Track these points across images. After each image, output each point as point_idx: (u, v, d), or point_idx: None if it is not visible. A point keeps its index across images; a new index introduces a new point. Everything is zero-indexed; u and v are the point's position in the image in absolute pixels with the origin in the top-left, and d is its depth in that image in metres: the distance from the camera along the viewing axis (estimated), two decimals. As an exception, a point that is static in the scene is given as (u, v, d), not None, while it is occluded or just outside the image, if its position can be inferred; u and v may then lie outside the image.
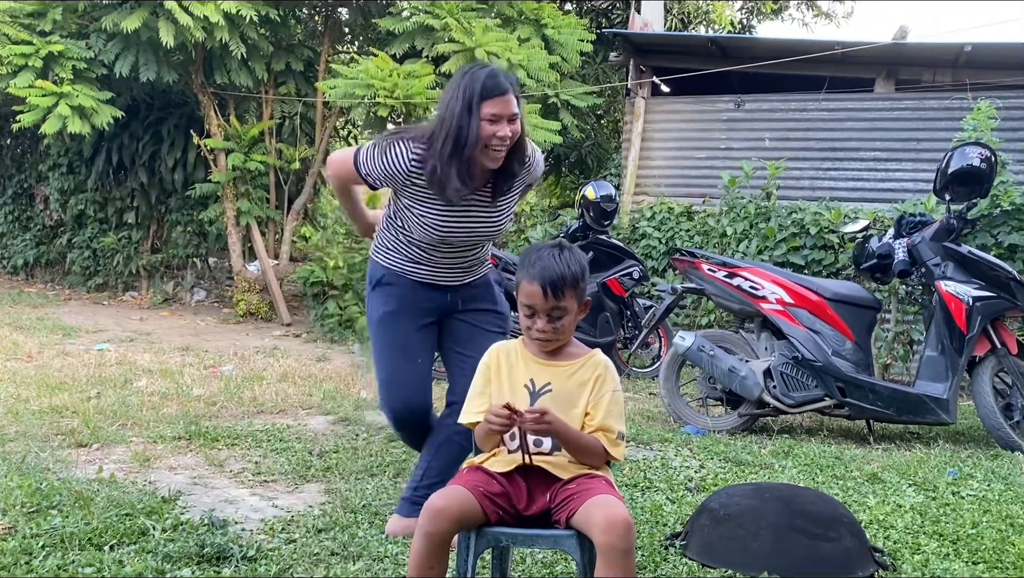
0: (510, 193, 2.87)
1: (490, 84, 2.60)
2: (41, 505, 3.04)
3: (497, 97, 2.60)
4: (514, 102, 2.64)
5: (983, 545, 3.04)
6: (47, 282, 11.71)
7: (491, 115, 2.60)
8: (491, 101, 2.60)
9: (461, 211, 2.79)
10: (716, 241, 7.74)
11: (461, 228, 2.83)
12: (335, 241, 8.41)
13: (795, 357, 4.88)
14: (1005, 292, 4.75)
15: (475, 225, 2.85)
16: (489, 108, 2.60)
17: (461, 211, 2.79)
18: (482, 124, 2.61)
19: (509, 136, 2.64)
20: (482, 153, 2.65)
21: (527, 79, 7.97)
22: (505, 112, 2.61)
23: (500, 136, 2.62)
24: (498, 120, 2.61)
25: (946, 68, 8.16)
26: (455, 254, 2.91)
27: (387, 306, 2.93)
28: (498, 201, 2.85)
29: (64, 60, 8.27)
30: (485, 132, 2.61)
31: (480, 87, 2.60)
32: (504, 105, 2.61)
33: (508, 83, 2.64)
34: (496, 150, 2.65)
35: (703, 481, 3.81)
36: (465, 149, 2.62)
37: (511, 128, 2.64)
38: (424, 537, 2.01)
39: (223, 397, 5.18)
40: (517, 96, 2.67)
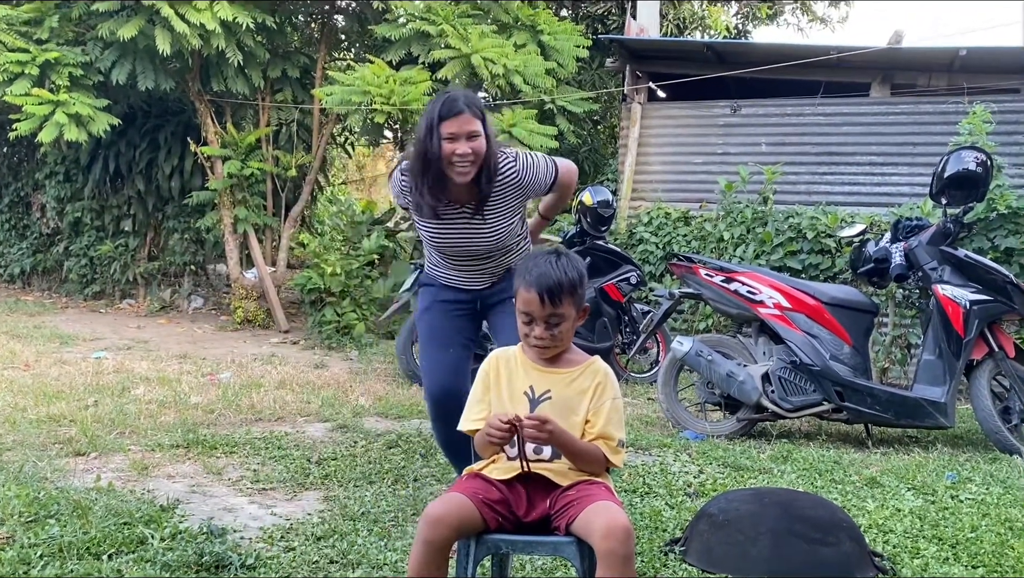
0: (495, 205, 3.04)
1: (447, 106, 2.86)
2: (39, 514, 3.04)
3: (453, 118, 2.84)
4: (473, 122, 2.86)
5: (982, 549, 3.05)
6: (44, 290, 11.69)
7: (449, 134, 2.84)
8: (448, 121, 2.84)
9: (450, 225, 3.06)
10: (713, 246, 7.75)
11: (455, 240, 3.09)
12: (332, 248, 8.41)
13: (793, 361, 4.88)
14: (1002, 295, 4.76)
15: (468, 237, 3.08)
16: (447, 128, 2.84)
17: (450, 225, 3.06)
18: (443, 144, 2.85)
19: (469, 153, 2.85)
20: (448, 169, 2.89)
21: (523, 85, 7.98)
22: (462, 131, 2.84)
23: (459, 153, 2.85)
24: (456, 138, 2.84)
25: (941, 72, 8.19)
26: (468, 263, 3.16)
27: (423, 304, 3.29)
28: (485, 214, 3.05)
29: (61, 68, 8.26)
30: (445, 150, 2.86)
31: (439, 109, 2.87)
32: (460, 124, 2.84)
33: (466, 105, 2.86)
34: (460, 166, 2.87)
35: (702, 486, 3.81)
36: (430, 166, 2.89)
37: (470, 145, 2.86)
38: (423, 545, 2.01)
39: (221, 405, 5.18)
40: (480, 116, 2.89)
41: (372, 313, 8.37)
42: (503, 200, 3.06)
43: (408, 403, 5.51)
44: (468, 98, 2.90)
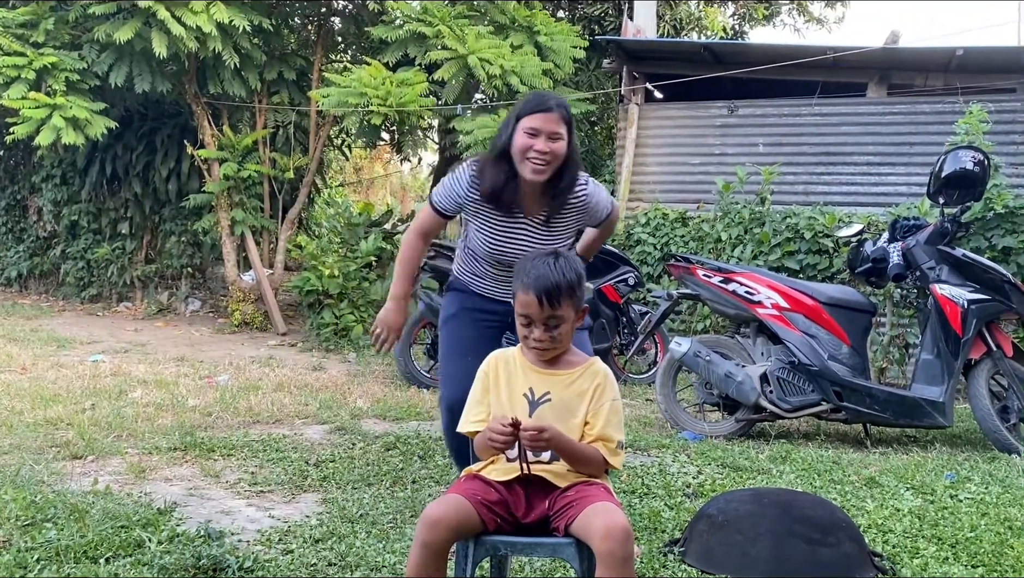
0: (560, 221, 2.96)
1: (534, 101, 2.81)
2: (36, 518, 3.02)
3: (538, 113, 2.77)
4: (558, 123, 2.77)
5: (981, 548, 3.04)
6: (41, 293, 11.67)
7: (530, 128, 2.76)
8: (531, 116, 2.77)
9: (510, 231, 2.96)
10: (711, 246, 7.75)
11: (510, 249, 2.98)
12: (330, 250, 8.40)
13: (791, 362, 4.88)
14: (999, 295, 4.76)
15: (525, 245, 2.96)
16: (529, 121, 2.76)
17: (510, 231, 2.96)
18: (521, 135, 2.77)
19: (547, 152, 2.76)
20: (521, 166, 2.80)
21: (520, 86, 7.98)
22: (544, 128, 2.75)
23: (537, 149, 2.76)
24: (536, 134, 2.75)
25: (938, 72, 8.20)
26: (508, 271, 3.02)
27: (450, 309, 3.17)
28: (551, 225, 2.96)
29: (57, 71, 8.26)
30: (522, 142, 2.77)
31: (525, 103, 2.82)
32: (544, 121, 2.76)
33: (556, 105, 2.78)
34: (535, 162, 2.77)
35: (701, 487, 3.80)
36: (503, 155, 2.81)
37: (550, 145, 2.76)
38: (422, 546, 2.00)
39: (219, 407, 5.16)
40: (567, 121, 2.79)
41: (370, 315, 8.36)
42: (568, 217, 2.99)
43: (406, 405, 5.50)
44: (559, 100, 2.84)
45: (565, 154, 2.81)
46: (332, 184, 15.00)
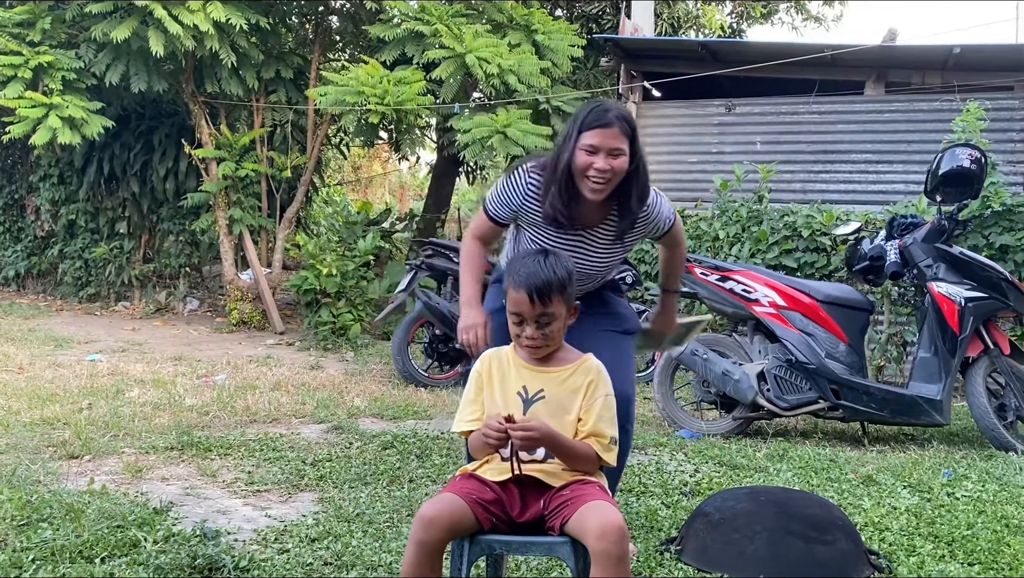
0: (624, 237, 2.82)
1: (594, 115, 2.61)
2: (32, 518, 3.02)
3: (598, 128, 2.59)
4: (619, 138, 2.59)
5: (978, 546, 3.04)
6: (39, 293, 11.65)
7: (589, 145, 2.59)
8: (591, 132, 2.60)
9: (570, 242, 2.78)
10: (709, 245, 7.74)
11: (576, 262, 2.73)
12: (328, 249, 8.39)
13: (788, 360, 4.87)
14: (997, 292, 4.76)
15: (581, 259, 2.79)
16: (588, 138, 2.59)
17: (570, 242, 2.78)
18: (580, 152, 2.60)
19: (607, 169, 2.59)
20: (581, 183, 2.64)
21: (518, 85, 7.97)
22: (604, 145, 2.58)
23: (597, 168, 2.59)
24: (595, 151, 2.59)
25: (935, 70, 8.19)
26: None
27: (494, 304, 2.95)
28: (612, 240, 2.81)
29: (54, 71, 8.24)
30: (582, 161, 2.61)
31: (584, 117, 2.63)
32: (603, 137, 2.59)
33: (616, 118, 2.60)
34: (594, 181, 2.61)
35: (698, 485, 3.80)
36: (562, 174, 2.64)
37: (611, 162, 2.60)
38: (417, 546, 2.00)
39: (216, 407, 5.16)
40: (630, 135, 2.62)
41: (368, 314, 8.36)
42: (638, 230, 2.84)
43: (404, 404, 5.50)
44: (620, 112, 2.65)
45: (628, 169, 2.64)
46: (330, 183, 15.00)
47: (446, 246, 6.81)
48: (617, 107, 2.67)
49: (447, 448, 4.32)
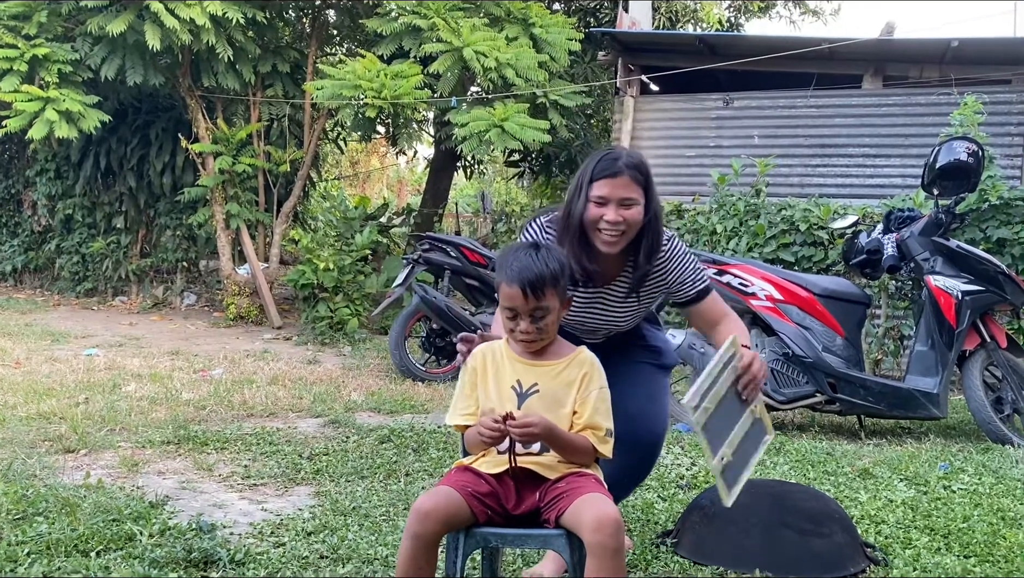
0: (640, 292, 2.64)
1: (602, 165, 2.47)
2: (27, 512, 3.01)
3: (606, 179, 2.45)
4: (630, 187, 2.45)
5: (974, 538, 3.05)
6: (36, 288, 11.64)
7: (598, 197, 2.46)
8: (600, 182, 2.46)
9: (587, 298, 2.64)
10: (706, 239, 7.73)
11: (587, 316, 2.68)
12: (325, 243, 8.38)
13: (785, 353, 4.87)
14: (994, 286, 4.76)
15: (599, 315, 2.68)
16: (598, 189, 2.46)
17: (587, 298, 2.64)
18: (590, 205, 2.47)
19: (620, 221, 2.45)
20: (594, 236, 2.50)
21: (516, 78, 7.96)
22: (614, 196, 2.44)
23: (609, 220, 2.45)
24: (606, 203, 2.45)
25: (933, 64, 8.19)
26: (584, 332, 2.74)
27: None
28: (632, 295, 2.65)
29: (50, 64, 8.21)
30: (592, 214, 2.47)
31: (593, 167, 2.49)
32: (612, 188, 2.45)
33: (626, 166, 2.46)
34: (607, 234, 2.47)
35: (694, 478, 3.81)
36: (575, 229, 2.50)
37: (623, 213, 2.45)
38: (412, 538, 2.00)
39: (213, 401, 5.16)
40: (643, 183, 2.48)
41: (365, 308, 8.36)
42: (649, 286, 2.64)
43: (401, 398, 5.49)
44: (631, 159, 2.50)
45: (643, 220, 2.49)
46: (328, 177, 14.97)
47: (443, 240, 6.80)
48: (628, 154, 2.53)
49: (444, 442, 4.32)
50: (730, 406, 2.30)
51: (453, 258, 6.58)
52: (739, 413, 2.32)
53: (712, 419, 2.21)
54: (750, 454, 2.34)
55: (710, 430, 2.21)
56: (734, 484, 2.27)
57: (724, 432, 2.25)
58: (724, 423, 2.26)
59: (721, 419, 2.25)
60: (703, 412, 2.19)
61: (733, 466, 2.26)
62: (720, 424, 2.24)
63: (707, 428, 2.19)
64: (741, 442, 2.30)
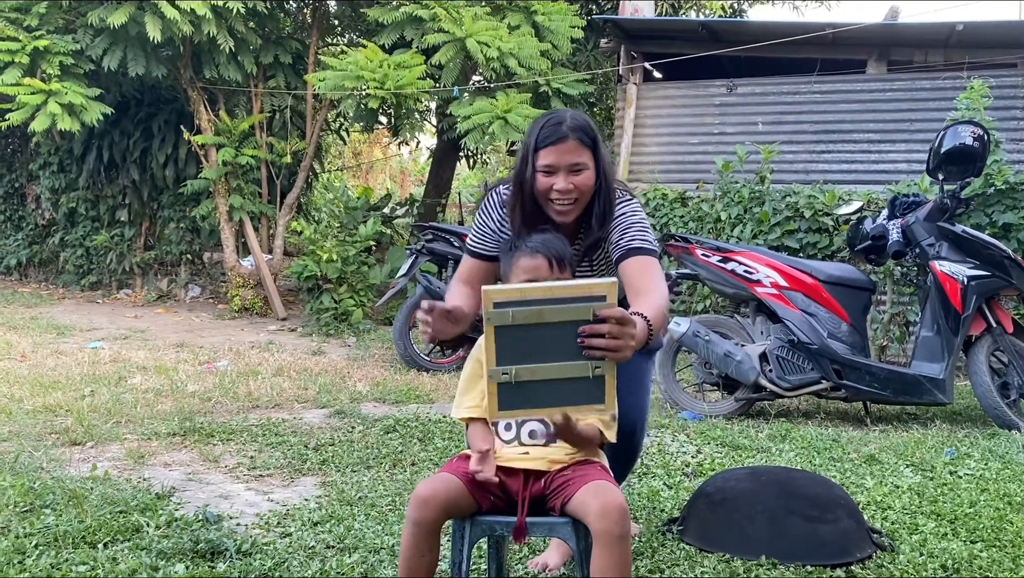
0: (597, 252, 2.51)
1: (546, 132, 2.36)
2: (34, 504, 3.03)
3: (551, 146, 2.34)
4: (578, 151, 2.34)
5: (981, 524, 3.04)
6: (40, 282, 11.67)
7: (545, 166, 2.35)
8: (546, 150, 2.34)
9: None
10: (711, 226, 7.72)
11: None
12: (329, 234, 8.38)
13: (791, 340, 4.86)
14: (1000, 271, 4.74)
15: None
16: (544, 158, 2.35)
17: None
18: (537, 176, 2.36)
19: (570, 189, 2.35)
20: (547, 207, 2.41)
21: (518, 68, 7.93)
22: (561, 163, 2.34)
23: (559, 189, 2.35)
24: (553, 171, 2.35)
25: (938, 48, 8.13)
26: None
27: None
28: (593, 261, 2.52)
29: (51, 56, 8.20)
30: (541, 184, 2.36)
31: (537, 134, 2.37)
32: (560, 154, 2.33)
33: (571, 130, 2.34)
34: (559, 204, 2.38)
35: (700, 466, 3.80)
36: (525, 200, 2.41)
37: (573, 180, 2.34)
38: (413, 525, 2.00)
39: (218, 393, 5.16)
40: (590, 144, 2.37)
41: (369, 299, 8.36)
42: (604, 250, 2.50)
43: (406, 388, 5.50)
44: (575, 121, 2.37)
45: (594, 183, 2.39)
46: (331, 169, 14.97)
47: (447, 231, 6.79)
48: (572, 117, 2.39)
49: (449, 431, 4.33)
50: (555, 341, 1.84)
51: (456, 248, 6.56)
52: (566, 355, 1.84)
53: (515, 330, 1.82)
54: (556, 400, 1.89)
55: (504, 338, 1.83)
56: (507, 407, 1.88)
57: (527, 355, 1.84)
58: (532, 348, 1.84)
59: (529, 342, 1.84)
60: (502, 315, 1.82)
61: (520, 392, 1.86)
62: (525, 345, 1.84)
63: (502, 334, 1.83)
64: (549, 381, 1.86)
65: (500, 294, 1.83)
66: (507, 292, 1.84)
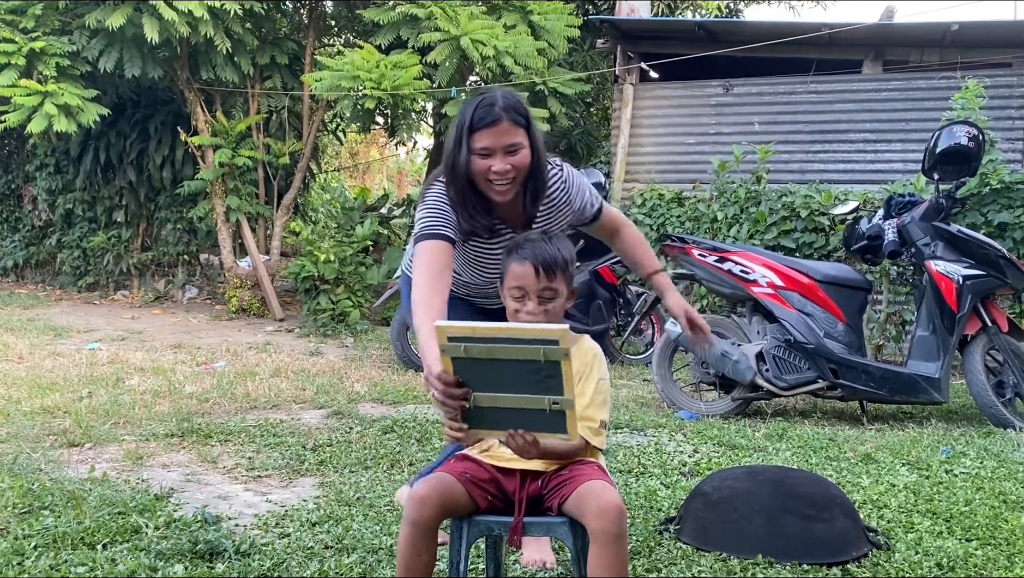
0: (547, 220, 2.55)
1: (480, 113, 2.35)
2: (33, 506, 3.03)
3: (487, 128, 2.34)
4: (512, 131, 2.35)
5: (976, 522, 3.06)
6: (38, 283, 11.66)
7: (481, 149, 2.35)
8: (481, 133, 2.35)
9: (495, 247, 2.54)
10: (707, 226, 7.74)
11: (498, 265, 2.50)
12: (326, 235, 8.39)
13: (787, 340, 4.88)
14: (995, 270, 4.75)
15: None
16: (479, 140, 2.35)
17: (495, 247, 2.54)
18: (474, 159, 2.36)
19: (508, 169, 2.36)
20: (485, 188, 2.41)
21: (514, 67, 7.93)
22: (497, 144, 2.34)
23: (496, 171, 2.35)
24: (490, 153, 2.35)
25: (933, 48, 8.16)
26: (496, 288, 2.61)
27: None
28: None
29: (47, 57, 8.20)
30: (478, 166, 2.37)
31: (470, 117, 2.37)
32: (496, 136, 2.34)
33: (504, 110, 2.35)
34: (498, 185, 2.38)
35: (697, 466, 3.82)
36: (462, 184, 2.41)
37: (509, 160, 2.35)
38: (409, 525, 2.01)
39: (216, 394, 5.17)
40: (523, 123, 2.38)
41: (367, 300, 8.36)
42: (551, 218, 2.57)
43: (403, 389, 5.51)
44: (508, 101, 2.37)
45: (530, 160, 2.41)
46: (327, 169, 14.97)
47: None
48: (503, 97, 2.39)
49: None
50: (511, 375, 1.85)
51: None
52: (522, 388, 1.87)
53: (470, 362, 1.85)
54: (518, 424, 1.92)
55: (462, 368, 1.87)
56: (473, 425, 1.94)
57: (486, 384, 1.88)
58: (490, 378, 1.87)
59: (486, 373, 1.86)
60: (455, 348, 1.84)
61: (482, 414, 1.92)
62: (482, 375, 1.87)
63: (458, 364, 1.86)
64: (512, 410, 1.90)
65: (452, 330, 1.85)
66: (459, 328, 1.86)
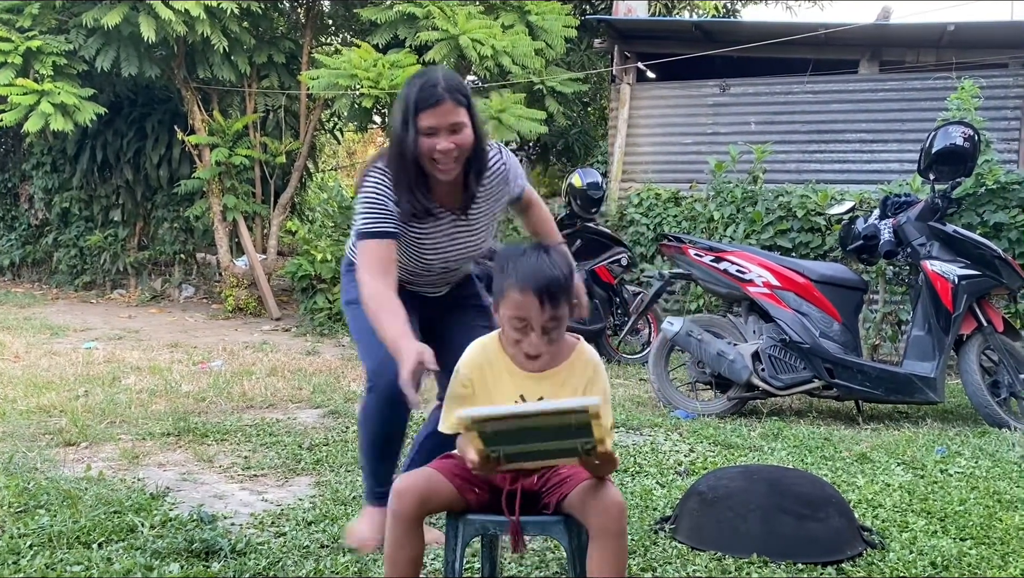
0: (483, 205, 2.66)
1: (424, 95, 2.42)
2: (29, 505, 3.03)
3: (431, 108, 2.41)
4: (455, 111, 2.43)
5: (971, 521, 3.06)
6: (34, 282, 11.64)
7: (427, 127, 2.42)
8: (426, 113, 2.42)
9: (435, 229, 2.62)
10: (704, 226, 7.75)
11: (438, 247, 2.65)
12: (322, 234, 8.38)
13: (783, 339, 4.89)
14: (990, 270, 4.77)
15: (451, 243, 2.66)
16: (425, 120, 2.42)
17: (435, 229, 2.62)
18: (420, 138, 2.43)
19: (452, 148, 2.44)
20: (430, 167, 2.48)
21: (512, 66, 7.93)
22: (443, 123, 2.42)
23: (441, 150, 2.43)
24: (435, 133, 2.42)
25: (929, 48, 8.18)
26: (441, 271, 2.75)
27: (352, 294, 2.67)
28: (470, 216, 2.65)
29: (44, 55, 8.19)
30: (424, 146, 2.44)
31: (414, 98, 2.43)
32: (440, 116, 2.41)
33: (447, 91, 2.42)
34: (443, 164, 2.46)
35: (693, 465, 3.82)
36: (409, 165, 2.48)
37: (453, 139, 2.43)
38: (392, 518, 2.01)
39: (212, 393, 5.17)
40: (465, 103, 2.46)
41: (364, 299, 8.34)
42: (490, 198, 2.66)
43: (400, 388, 5.50)
44: (449, 82, 2.45)
45: (472, 140, 2.48)
46: (324, 168, 14.95)
47: None
48: (444, 78, 2.46)
49: (443, 431, 4.33)
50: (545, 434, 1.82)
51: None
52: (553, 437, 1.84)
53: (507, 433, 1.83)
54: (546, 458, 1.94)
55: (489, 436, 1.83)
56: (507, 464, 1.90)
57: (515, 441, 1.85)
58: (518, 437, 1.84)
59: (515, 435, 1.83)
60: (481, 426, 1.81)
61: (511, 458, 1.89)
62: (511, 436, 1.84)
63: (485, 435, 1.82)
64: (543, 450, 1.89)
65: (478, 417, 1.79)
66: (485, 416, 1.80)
